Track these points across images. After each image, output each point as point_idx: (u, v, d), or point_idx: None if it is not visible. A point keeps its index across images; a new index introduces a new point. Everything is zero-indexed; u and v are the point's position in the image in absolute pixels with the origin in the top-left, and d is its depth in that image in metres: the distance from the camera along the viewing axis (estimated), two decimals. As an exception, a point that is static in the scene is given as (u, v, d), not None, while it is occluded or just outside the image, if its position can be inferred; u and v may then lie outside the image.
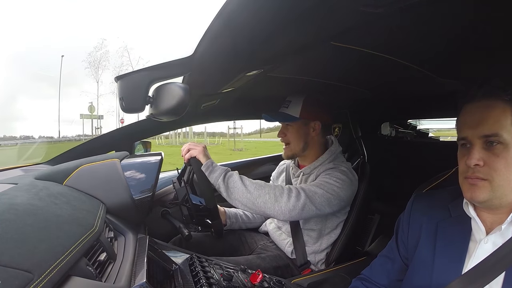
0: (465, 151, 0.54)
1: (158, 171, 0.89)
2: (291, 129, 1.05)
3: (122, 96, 0.60)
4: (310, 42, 0.60)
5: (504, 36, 0.59)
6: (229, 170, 0.90)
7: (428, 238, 0.61)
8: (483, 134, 0.51)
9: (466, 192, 0.53)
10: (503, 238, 0.51)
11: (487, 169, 0.50)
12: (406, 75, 0.89)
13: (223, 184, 0.85)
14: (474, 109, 0.53)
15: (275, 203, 0.83)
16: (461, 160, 0.55)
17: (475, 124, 0.52)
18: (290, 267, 1.03)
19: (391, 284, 0.69)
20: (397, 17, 0.51)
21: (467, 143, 0.53)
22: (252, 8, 0.44)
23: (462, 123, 0.55)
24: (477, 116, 0.52)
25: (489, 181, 0.50)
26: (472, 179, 0.51)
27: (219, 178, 0.86)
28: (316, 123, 1.05)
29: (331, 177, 0.94)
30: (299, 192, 0.86)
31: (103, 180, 0.78)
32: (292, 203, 0.83)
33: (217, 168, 0.89)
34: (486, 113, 0.51)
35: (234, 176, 0.88)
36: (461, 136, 0.54)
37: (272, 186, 0.88)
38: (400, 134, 1.96)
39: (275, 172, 1.28)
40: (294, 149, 1.06)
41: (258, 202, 0.83)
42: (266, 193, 0.84)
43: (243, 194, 0.84)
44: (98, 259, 0.52)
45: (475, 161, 0.50)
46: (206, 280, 0.62)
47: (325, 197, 0.90)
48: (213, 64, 0.67)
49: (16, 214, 0.45)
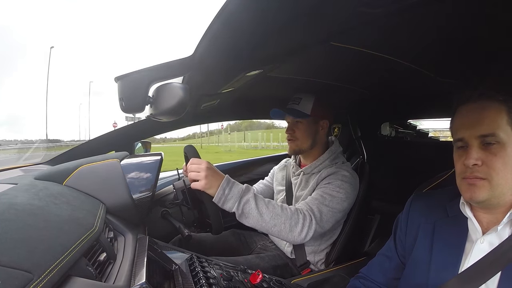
0: (462, 152, 0.54)
1: (158, 171, 0.89)
2: (300, 125, 1.05)
3: (122, 96, 0.60)
4: (310, 42, 0.60)
5: (503, 36, 0.59)
6: (244, 194, 0.80)
7: (425, 237, 0.61)
8: (480, 134, 0.51)
9: (465, 193, 0.53)
10: (500, 238, 0.52)
11: (485, 169, 0.51)
12: (405, 75, 0.90)
13: (238, 211, 0.79)
14: (470, 111, 0.53)
15: (289, 233, 0.82)
16: (458, 161, 0.55)
17: (472, 124, 0.52)
18: (289, 266, 1.03)
19: (388, 282, 0.70)
20: (397, 17, 0.51)
21: (463, 144, 0.54)
22: (252, 8, 0.44)
23: (458, 124, 0.55)
24: (473, 117, 0.53)
25: (488, 180, 0.50)
26: (470, 179, 0.52)
27: (233, 207, 0.78)
28: (325, 122, 1.06)
29: (335, 188, 0.93)
30: (311, 220, 0.85)
31: (103, 180, 0.78)
32: (305, 233, 0.84)
33: (230, 197, 0.78)
34: (482, 114, 0.52)
35: (250, 203, 0.79)
36: (457, 137, 0.55)
37: (288, 214, 0.83)
38: (400, 134, 1.96)
39: (277, 166, 1.28)
40: (301, 145, 1.05)
41: (273, 230, 0.82)
42: (282, 223, 0.81)
43: (258, 222, 0.80)
44: (98, 259, 0.52)
45: (473, 161, 0.51)
46: (206, 280, 0.62)
47: (331, 214, 0.91)
48: (213, 64, 0.67)
49: (16, 214, 0.45)
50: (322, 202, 0.90)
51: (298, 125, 1.05)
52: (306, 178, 1.06)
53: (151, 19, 38.20)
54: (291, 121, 1.08)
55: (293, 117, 1.06)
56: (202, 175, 0.77)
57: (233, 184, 0.80)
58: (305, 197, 1.01)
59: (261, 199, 0.82)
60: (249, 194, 0.80)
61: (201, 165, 0.79)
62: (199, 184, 0.78)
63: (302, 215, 0.85)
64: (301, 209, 0.86)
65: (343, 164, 1.04)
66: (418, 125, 2.17)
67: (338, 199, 0.92)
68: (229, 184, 0.79)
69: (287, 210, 0.84)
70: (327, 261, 1.05)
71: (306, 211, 0.86)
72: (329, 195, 0.92)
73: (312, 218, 0.85)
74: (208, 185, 0.77)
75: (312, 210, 0.87)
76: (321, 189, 0.95)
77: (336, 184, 0.94)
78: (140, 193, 0.84)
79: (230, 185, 0.79)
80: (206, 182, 0.77)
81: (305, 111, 1.03)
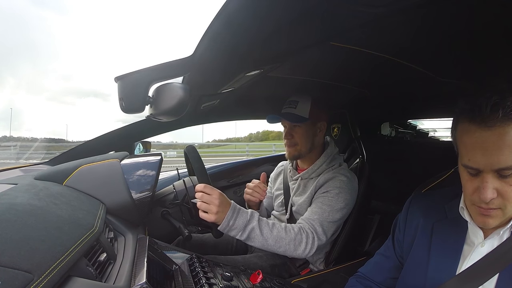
0: (473, 177, 0.49)
1: (158, 171, 0.89)
2: (299, 130, 1.03)
3: (122, 96, 0.60)
4: (310, 42, 0.60)
5: (504, 36, 0.59)
6: (249, 223, 0.81)
7: (423, 238, 0.61)
8: (499, 167, 0.45)
9: (477, 219, 0.51)
10: (501, 241, 0.51)
11: (500, 200, 0.47)
12: (406, 75, 0.90)
13: (242, 237, 0.82)
14: (485, 136, 0.45)
15: (293, 252, 0.86)
16: (469, 185, 0.50)
17: (489, 154, 0.45)
18: (287, 265, 1.03)
19: (385, 281, 0.70)
20: (397, 17, 0.51)
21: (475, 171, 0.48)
22: (252, 8, 0.44)
23: (469, 146, 0.48)
24: (490, 145, 0.45)
25: (501, 210, 0.48)
26: (485, 209, 0.48)
27: (238, 235, 0.81)
28: (323, 123, 1.05)
29: (333, 197, 0.94)
30: (313, 238, 0.88)
31: (103, 180, 0.78)
32: (308, 250, 0.87)
33: (235, 227, 0.80)
34: (501, 142, 0.44)
35: (255, 230, 0.82)
36: (470, 166, 0.48)
37: (291, 235, 0.85)
38: (400, 134, 1.97)
39: (273, 173, 1.28)
40: (300, 150, 1.03)
41: (278, 251, 0.86)
42: (286, 244, 0.85)
43: (263, 245, 0.84)
44: (98, 260, 0.52)
45: (490, 196, 0.46)
46: (206, 280, 0.62)
47: (332, 225, 0.93)
48: (213, 64, 0.67)
49: (16, 215, 0.45)
50: (322, 215, 0.92)
51: (296, 129, 1.03)
52: (304, 183, 1.05)
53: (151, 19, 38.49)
54: (289, 126, 1.05)
55: (290, 122, 1.03)
56: (213, 210, 0.78)
57: (238, 214, 0.81)
58: (303, 203, 1.01)
59: (265, 225, 0.84)
60: (253, 222, 0.82)
61: (213, 198, 0.78)
62: (208, 217, 0.78)
63: (305, 234, 0.88)
64: (303, 228, 0.89)
65: (340, 168, 1.03)
66: (418, 125, 2.17)
67: (338, 208, 0.94)
68: (234, 215, 0.80)
69: (290, 232, 0.86)
70: (327, 261, 1.05)
71: (309, 229, 0.89)
72: (329, 205, 0.93)
73: (314, 236, 0.89)
74: (218, 219, 0.78)
75: (314, 228, 0.90)
76: (319, 200, 0.96)
77: (334, 193, 0.95)
78: (140, 193, 0.84)
79: (235, 216, 0.80)
80: (216, 217, 0.78)
81: (303, 114, 1.01)
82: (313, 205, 0.96)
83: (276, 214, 1.17)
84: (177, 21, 42.52)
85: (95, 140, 1.14)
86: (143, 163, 0.90)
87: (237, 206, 0.83)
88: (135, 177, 0.85)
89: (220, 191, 0.81)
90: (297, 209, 1.04)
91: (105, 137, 1.14)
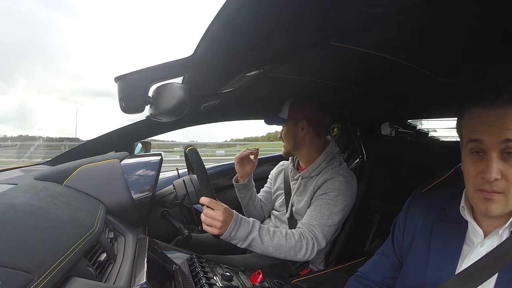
0: (478, 160, 0.49)
1: (158, 172, 0.89)
2: (284, 130, 1.14)
3: (121, 97, 0.60)
4: (310, 42, 0.60)
5: (504, 36, 0.59)
6: (250, 233, 0.86)
7: (423, 238, 0.61)
8: (505, 138, 0.46)
9: (480, 206, 0.50)
10: (500, 240, 0.51)
11: (504, 183, 0.47)
12: (406, 75, 0.90)
13: (243, 245, 0.87)
14: (490, 114, 0.48)
15: (294, 257, 0.90)
16: (473, 169, 0.50)
17: (494, 126, 0.47)
18: (287, 265, 1.03)
19: (385, 281, 0.70)
20: (397, 17, 0.51)
21: (479, 150, 0.49)
22: (252, 8, 0.44)
23: (473, 124, 0.50)
24: (495, 120, 0.47)
25: (504, 194, 0.47)
26: (488, 193, 0.48)
27: (239, 243, 0.86)
28: (303, 122, 1.09)
29: (332, 199, 0.96)
30: (313, 243, 0.92)
31: (103, 180, 0.78)
32: (308, 254, 0.91)
33: (236, 237, 0.84)
34: (506, 120, 0.46)
35: (256, 240, 0.86)
36: (474, 138, 0.49)
37: (292, 243, 0.89)
38: (400, 134, 1.97)
39: (274, 170, 1.30)
40: (286, 147, 1.13)
41: (280, 257, 0.90)
42: (287, 251, 0.89)
43: (264, 252, 0.88)
44: (98, 260, 0.52)
45: (495, 175, 0.46)
46: (206, 280, 0.62)
47: (332, 228, 0.96)
48: (213, 64, 0.67)
49: (16, 215, 0.45)
50: (322, 219, 0.94)
51: (283, 130, 1.14)
52: (305, 182, 1.07)
53: (151, 19, 38.50)
54: (282, 127, 1.16)
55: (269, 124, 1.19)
56: (217, 225, 0.82)
57: (240, 225, 0.85)
58: (303, 204, 1.02)
59: (265, 233, 0.88)
60: (254, 233, 0.86)
61: (218, 215, 0.81)
62: (211, 231, 0.83)
63: (306, 240, 0.91)
64: (304, 235, 0.92)
65: (340, 167, 1.04)
66: (418, 125, 2.17)
67: (337, 211, 0.96)
68: (236, 227, 0.84)
69: (291, 239, 0.90)
70: (326, 261, 1.06)
71: (309, 235, 0.93)
72: (328, 209, 0.95)
73: (314, 242, 0.92)
74: (220, 232, 0.83)
75: (315, 234, 0.93)
76: (318, 203, 0.97)
77: (333, 195, 0.96)
78: (140, 193, 0.84)
79: (237, 228, 0.84)
80: (219, 232, 0.82)
81: (284, 116, 1.10)
82: (312, 207, 0.98)
83: (276, 213, 1.18)
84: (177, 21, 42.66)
85: (95, 140, 1.14)
86: (143, 163, 0.90)
87: (239, 217, 0.86)
88: (135, 177, 0.85)
89: (225, 206, 0.84)
90: (298, 209, 1.05)
91: (105, 137, 1.14)
